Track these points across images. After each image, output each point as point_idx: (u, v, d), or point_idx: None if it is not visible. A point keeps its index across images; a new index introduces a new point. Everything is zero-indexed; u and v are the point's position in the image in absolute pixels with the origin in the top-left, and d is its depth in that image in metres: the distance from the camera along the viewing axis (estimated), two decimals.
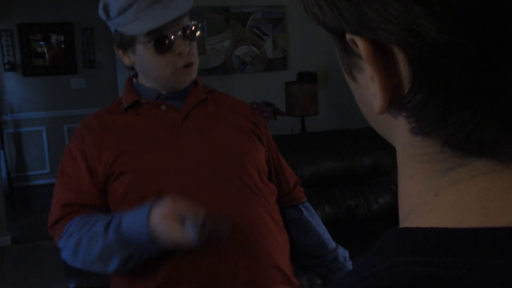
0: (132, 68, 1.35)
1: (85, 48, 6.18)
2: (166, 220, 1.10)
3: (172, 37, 1.24)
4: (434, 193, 0.34)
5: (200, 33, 1.38)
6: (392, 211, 3.16)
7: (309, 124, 4.10)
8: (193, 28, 1.28)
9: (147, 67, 1.30)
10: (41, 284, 3.64)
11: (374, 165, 3.22)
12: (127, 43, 1.28)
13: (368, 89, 0.35)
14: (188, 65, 1.29)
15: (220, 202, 1.24)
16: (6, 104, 6.00)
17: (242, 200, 1.26)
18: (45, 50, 6.10)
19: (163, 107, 1.31)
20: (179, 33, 1.25)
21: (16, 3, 5.83)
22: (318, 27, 0.36)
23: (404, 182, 0.38)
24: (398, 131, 0.36)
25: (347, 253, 1.46)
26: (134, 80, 1.38)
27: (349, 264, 1.44)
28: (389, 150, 3.52)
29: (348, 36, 0.32)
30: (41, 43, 6.07)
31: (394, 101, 0.33)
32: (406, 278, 0.30)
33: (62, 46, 6.12)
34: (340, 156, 3.18)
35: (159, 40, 1.24)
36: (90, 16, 6.19)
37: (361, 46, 0.31)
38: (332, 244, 1.45)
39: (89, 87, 6.15)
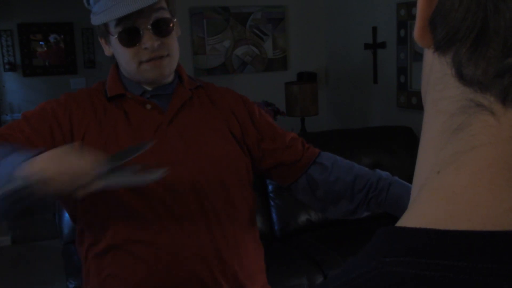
0: (113, 57, 1.31)
1: (85, 48, 6.18)
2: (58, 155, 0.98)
3: (139, 30, 1.19)
4: (437, 169, 0.33)
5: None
6: None
7: (309, 124, 4.10)
8: (166, 22, 1.22)
9: (118, 59, 1.27)
10: (41, 284, 3.64)
11: (374, 165, 3.22)
12: (103, 33, 1.26)
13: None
14: (157, 58, 1.22)
15: (194, 214, 1.22)
16: (6, 104, 6.00)
17: (214, 214, 1.24)
18: (46, 51, 6.10)
19: (148, 106, 1.26)
20: (149, 27, 1.20)
21: (16, 3, 5.83)
22: (318, 27, 0.36)
23: (420, 149, 0.37)
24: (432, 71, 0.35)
25: (386, 173, 1.32)
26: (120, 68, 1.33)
27: (397, 178, 1.29)
28: (389, 150, 3.54)
29: None
30: (41, 43, 6.07)
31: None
32: (391, 280, 0.29)
33: (62, 45, 6.12)
34: (340, 156, 3.17)
35: (124, 32, 1.20)
36: (90, 16, 6.19)
37: None
38: (366, 169, 1.34)
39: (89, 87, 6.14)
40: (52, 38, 6.09)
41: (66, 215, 2.93)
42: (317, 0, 4.39)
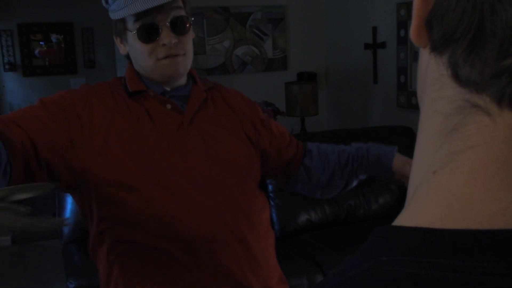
0: (128, 57, 1.33)
1: (85, 48, 6.19)
2: None
3: (158, 27, 1.21)
4: (433, 169, 0.33)
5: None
6: (392, 211, 3.15)
7: (309, 124, 4.10)
8: (183, 21, 1.24)
9: (134, 56, 1.28)
10: (41, 284, 3.64)
11: None
12: (120, 30, 1.27)
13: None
14: (173, 56, 1.24)
15: (220, 208, 1.24)
16: (6, 104, 6.00)
17: (238, 208, 1.26)
18: (45, 50, 6.10)
19: (168, 106, 1.27)
20: (167, 24, 1.22)
21: (16, 3, 5.83)
22: (318, 27, 0.36)
23: (416, 149, 0.37)
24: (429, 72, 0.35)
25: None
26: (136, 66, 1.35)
27: (371, 143, 1.45)
28: None
29: None
30: (41, 43, 6.07)
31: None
32: (388, 278, 0.29)
33: (62, 45, 6.13)
34: None
35: (142, 28, 1.22)
36: (90, 16, 6.20)
37: None
38: (343, 145, 1.50)
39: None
40: (54, 38, 6.09)
41: (66, 215, 2.93)
42: (317, 0, 4.39)
